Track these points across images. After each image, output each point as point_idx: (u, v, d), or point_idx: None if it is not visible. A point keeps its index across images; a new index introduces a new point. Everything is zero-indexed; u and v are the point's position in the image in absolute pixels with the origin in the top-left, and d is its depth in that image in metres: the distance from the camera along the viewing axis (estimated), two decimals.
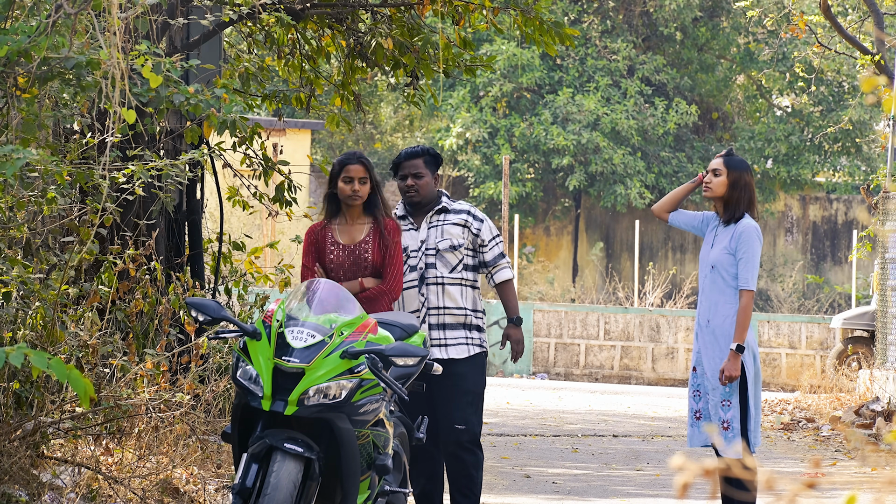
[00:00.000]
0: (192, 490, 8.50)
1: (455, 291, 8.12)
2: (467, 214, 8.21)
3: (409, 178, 8.15)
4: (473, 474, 8.08)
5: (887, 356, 16.91)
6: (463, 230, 8.16)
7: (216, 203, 15.69)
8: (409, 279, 8.11)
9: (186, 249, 11.49)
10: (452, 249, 8.13)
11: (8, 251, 8.27)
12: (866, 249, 19.37)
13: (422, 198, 8.17)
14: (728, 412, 7.90)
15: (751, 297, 7.91)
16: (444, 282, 8.10)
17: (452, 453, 8.07)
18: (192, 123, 9.25)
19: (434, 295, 8.10)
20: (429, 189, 8.17)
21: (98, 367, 8.61)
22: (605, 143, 32.69)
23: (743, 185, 7.98)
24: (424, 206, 8.21)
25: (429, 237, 8.15)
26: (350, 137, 37.18)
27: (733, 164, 8.00)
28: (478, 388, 8.14)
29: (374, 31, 11.96)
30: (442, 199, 8.23)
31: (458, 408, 8.06)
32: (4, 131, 7.73)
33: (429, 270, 8.10)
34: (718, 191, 8.00)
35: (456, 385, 8.06)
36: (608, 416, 17.62)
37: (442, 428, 8.08)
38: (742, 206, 7.98)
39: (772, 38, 33.98)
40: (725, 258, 7.95)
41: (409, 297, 8.12)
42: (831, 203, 35.19)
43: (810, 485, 3.42)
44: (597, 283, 34.19)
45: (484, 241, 8.19)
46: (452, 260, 8.13)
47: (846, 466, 12.85)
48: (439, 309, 8.09)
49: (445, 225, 8.17)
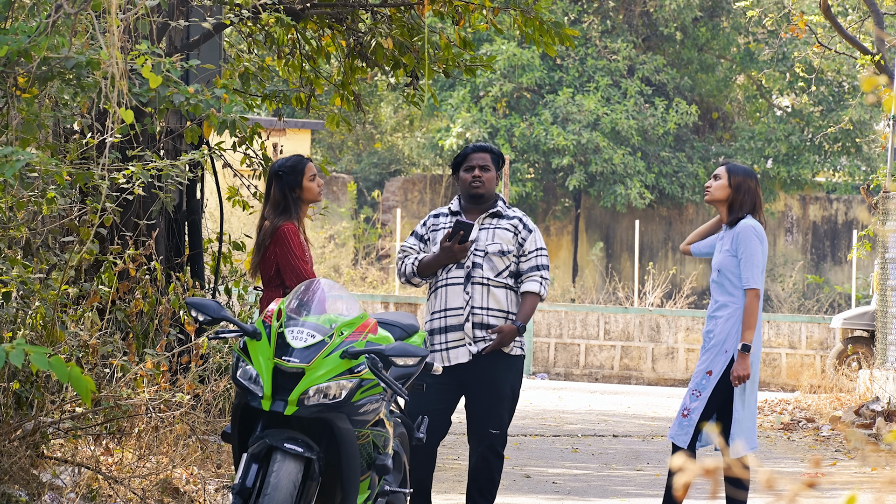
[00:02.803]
0: (192, 490, 8.50)
1: (500, 294, 8.13)
2: (518, 222, 8.22)
3: (477, 170, 8.16)
4: (496, 477, 8.17)
5: (887, 356, 16.91)
6: (514, 237, 8.17)
7: (216, 203, 15.69)
8: (455, 276, 8.12)
9: (186, 249, 11.49)
10: (501, 255, 8.14)
11: (8, 251, 8.27)
12: (866, 249, 19.37)
13: (486, 190, 8.18)
14: (693, 402, 7.94)
15: (754, 296, 7.90)
16: (489, 283, 8.11)
17: (482, 455, 8.12)
18: (192, 123, 9.25)
19: (479, 295, 8.10)
20: (492, 185, 8.21)
21: (98, 367, 8.61)
22: (605, 143, 32.68)
23: (746, 189, 8.00)
24: (482, 204, 8.22)
25: (479, 238, 8.15)
26: (350, 137, 37.18)
27: (735, 170, 8.04)
28: (515, 392, 8.18)
29: (374, 31, 11.97)
30: (498, 202, 8.25)
31: (495, 412, 8.10)
32: (4, 131, 7.73)
33: (475, 270, 8.11)
34: (717, 194, 8.04)
35: (494, 389, 8.08)
36: (608, 416, 17.61)
37: (476, 429, 8.11)
38: (745, 209, 7.99)
39: (772, 38, 33.98)
40: (729, 260, 7.96)
41: (454, 294, 8.11)
42: (831, 203, 35.19)
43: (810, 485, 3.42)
44: (597, 283, 34.19)
45: (526, 250, 8.18)
46: (500, 264, 8.14)
47: (846, 466, 12.85)
48: (483, 309, 8.10)
49: (498, 229, 8.18)
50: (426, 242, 8.26)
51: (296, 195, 8.19)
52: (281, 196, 8.18)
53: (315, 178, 8.24)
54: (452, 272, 8.12)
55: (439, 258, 8.10)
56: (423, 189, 34.71)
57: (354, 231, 33.21)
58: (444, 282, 8.14)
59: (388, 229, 33.68)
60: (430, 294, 8.24)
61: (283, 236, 8.10)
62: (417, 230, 8.32)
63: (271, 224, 8.16)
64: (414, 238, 8.30)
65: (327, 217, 30.85)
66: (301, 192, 8.22)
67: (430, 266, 8.14)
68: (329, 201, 31.79)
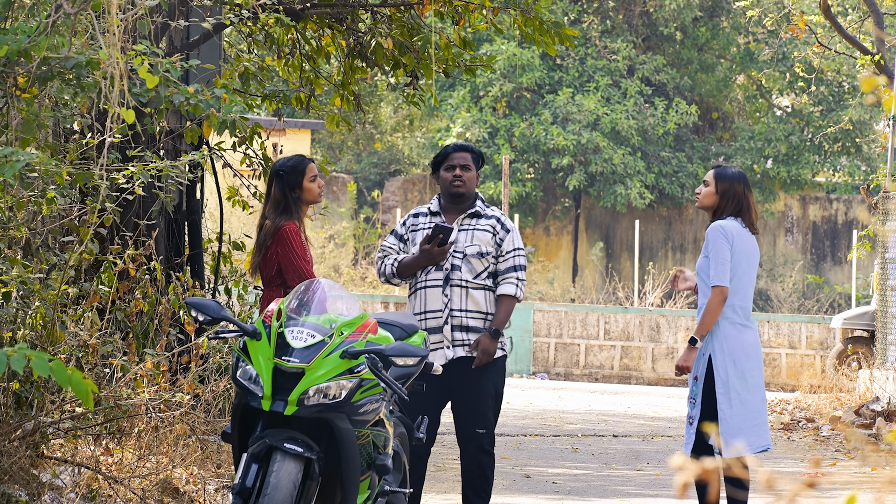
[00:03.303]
0: (192, 490, 8.50)
1: (479, 296, 8.13)
2: (496, 221, 8.22)
3: (458, 169, 8.17)
4: (489, 475, 8.20)
5: (887, 356, 16.91)
6: (492, 237, 8.17)
7: (216, 203, 15.69)
8: (434, 278, 8.12)
9: (186, 249, 11.49)
10: (480, 256, 8.14)
11: (8, 251, 8.27)
12: (866, 249, 19.36)
13: (466, 190, 8.19)
14: (692, 409, 7.97)
15: (719, 293, 7.90)
16: (468, 286, 8.11)
17: (472, 455, 8.15)
18: (192, 123, 9.25)
19: (458, 297, 8.11)
20: (473, 184, 8.22)
21: (98, 367, 8.61)
22: (605, 143, 32.68)
23: (732, 195, 8.01)
24: (462, 203, 8.22)
25: (458, 240, 8.15)
26: (350, 137, 37.17)
27: (723, 176, 8.05)
28: (498, 391, 8.20)
29: (374, 31, 11.96)
30: (477, 202, 8.25)
31: (479, 412, 8.11)
32: (4, 131, 7.73)
33: (454, 272, 8.11)
34: (705, 201, 8.08)
35: (477, 389, 8.10)
36: (608, 416, 17.61)
37: (462, 430, 8.14)
38: (727, 213, 8.02)
39: (772, 38, 33.97)
40: (703, 262, 8.03)
41: (433, 296, 8.12)
42: (831, 203, 35.19)
43: (810, 485, 3.42)
44: (597, 283, 34.18)
45: (503, 251, 8.18)
46: (478, 266, 8.14)
47: (846, 466, 12.85)
48: (462, 311, 8.10)
49: (476, 230, 8.18)
50: (406, 242, 8.25)
51: (295, 195, 8.19)
52: (281, 195, 8.18)
53: (316, 179, 8.24)
54: (431, 274, 8.13)
55: (419, 260, 8.10)
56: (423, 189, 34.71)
57: (354, 231, 33.21)
58: (422, 284, 8.15)
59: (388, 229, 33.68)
60: (409, 295, 8.26)
61: (284, 236, 8.10)
62: (397, 229, 8.31)
63: (273, 224, 8.15)
64: (393, 237, 8.28)
65: (327, 217, 30.85)
66: (301, 192, 8.22)
67: (409, 267, 8.14)
68: (329, 201, 31.79)
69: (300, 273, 8.07)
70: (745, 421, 7.92)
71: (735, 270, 7.96)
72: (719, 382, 7.89)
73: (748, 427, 7.92)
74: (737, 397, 7.90)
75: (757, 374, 7.97)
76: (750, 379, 7.94)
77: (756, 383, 7.97)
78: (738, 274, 7.96)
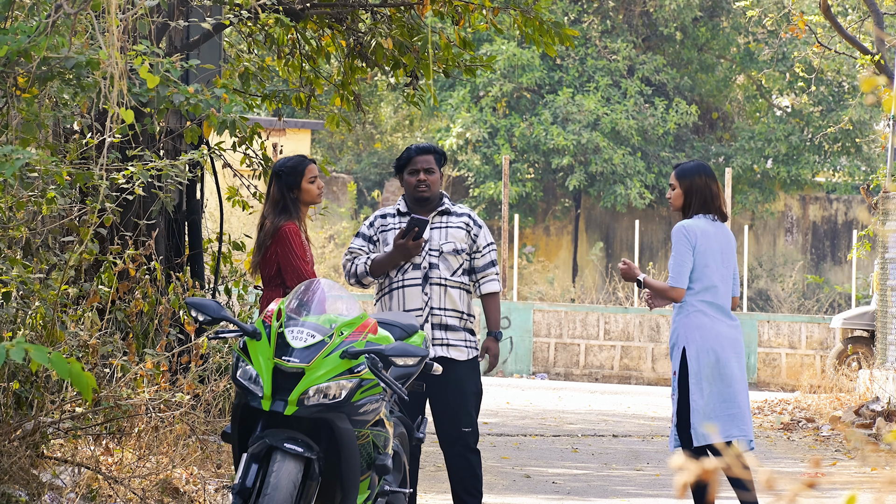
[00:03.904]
0: (192, 490, 8.50)
1: (455, 294, 8.14)
2: (468, 218, 8.23)
3: (422, 173, 8.14)
4: (479, 473, 8.20)
5: (887, 356, 16.91)
6: (466, 234, 8.17)
7: (216, 203, 15.69)
8: (412, 277, 8.10)
9: (186, 249, 11.49)
10: (455, 253, 8.14)
11: (8, 251, 8.27)
12: (866, 249, 19.36)
13: (431, 193, 8.17)
14: (674, 406, 7.99)
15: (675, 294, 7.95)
16: (446, 284, 8.11)
17: (459, 454, 8.13)
18: (192, 123, 9.25)
19: (437, 295, 8.10)
20: (437, 186, 8.20)
21: (98, 366, 8.61)
22: (605, 143, 32.68)
23: (696, 189, 8.03)
24: (429, 205, 8.21)
25: (432, 238, 8.14)
26: (350, 137, 37.17)
27: (683, 173, 8.06)
28: (478, 389, 8.22)
29: (374, 31, 11.97)
30: (444, 200, 8.24)
31: (465, 411, 8.12)
32: (4, 131, 7.73)
33: (432, 270, 8.10)
34: (676, 203, 8.12)
35: (459, 388, 8.11)
36: (608, 416, 17.61)
37: (447, 431, 8.13)
38: (693, 211, 8.04)
39: (772, 38, 33.98)
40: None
41: (412, 295, 8.10)
42: (831, 203, 35.19)
43: (810, 485, 3.42)
44: (597, 283, 34.19)
45: (479, 246, 8.19)
46: (454, 263, 8.14)
47: (846, 466, 12.84)
48: (442, 310, 8.10)
49: (450, 228, 8.18)
50: (375, 243, 8.20)
51: (294, 196, 8.19)
52: (279, 195, 8.18)
53: (315, 181, 8.23)
54: (409, 273, 8.10)
55: (393, 256, 8.06)
56: None
57: (354, 231, 33.22)
58: (399, 283, 8.10)
59: None
60: (382, 295, 8.17)
61: (284, 236, 8.10)
62: (364, 231, 8.23)
63: (272, 224, 8.15)
64: (361, 239, 8.21)
65: (327, 217, 30.84)
66: (299, 192, 8.21)
67: (383, 265, 8.10)
68: (329, 201, 31.78)
69: (299, 273, 8.07)
70: (719, 410, 7.90)
71: (702, 270, 7.96)
72: (691, 373, 7.90)
73: (723, 416, 7.90)
74: (709, 387, 7.89)
75: (734, 365, 7.94)
76: (724, 369, 7.92)
77: (732, 374, 7.93)
78: (707, 273, 7.95)
